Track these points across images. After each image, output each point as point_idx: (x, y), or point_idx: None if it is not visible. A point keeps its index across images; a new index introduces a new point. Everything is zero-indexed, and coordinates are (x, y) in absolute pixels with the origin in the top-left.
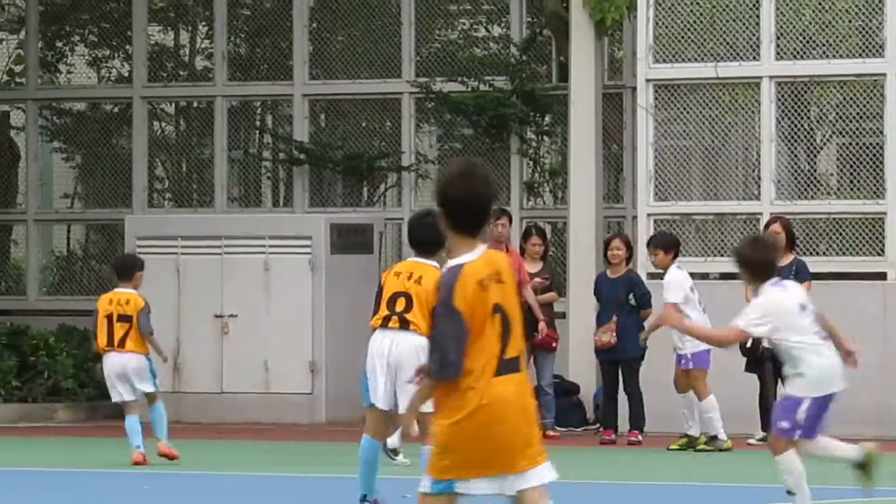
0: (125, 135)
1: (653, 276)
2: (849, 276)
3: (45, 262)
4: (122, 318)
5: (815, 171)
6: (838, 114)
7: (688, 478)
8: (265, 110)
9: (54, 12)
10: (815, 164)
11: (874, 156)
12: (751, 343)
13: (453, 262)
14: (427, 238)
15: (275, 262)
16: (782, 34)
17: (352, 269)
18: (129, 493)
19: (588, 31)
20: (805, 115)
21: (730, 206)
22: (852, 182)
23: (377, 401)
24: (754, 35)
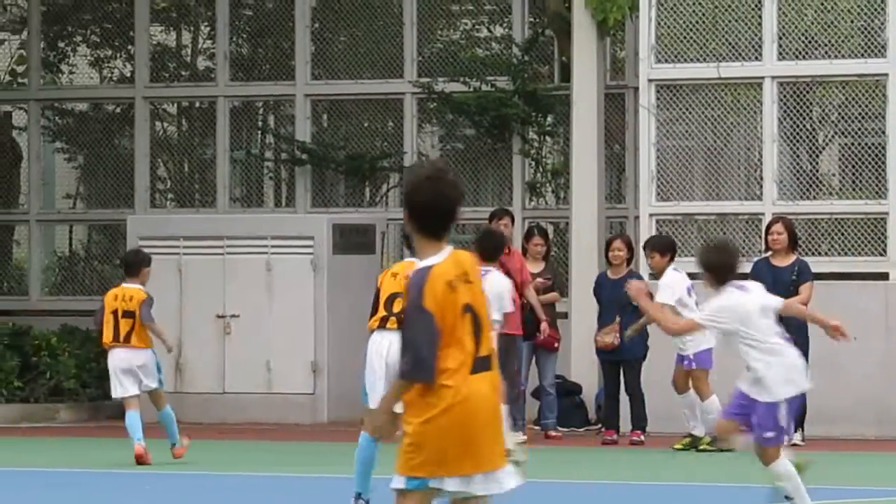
0: (127, 135)
1: (654, 276)
2: (851, 276)
3: (48, 262)
4: (126, 314)
5: (818, 171)
6: (840, 114)
7: (690, 478)
8: (267, 110)
9: (56, 13)
10: (817, 164)
11: (876, 156)
12: None
13: (422, 265)
14: None
15: (277, 263)
16: (784, 34)
17: (354, 270)
18: (131, 494)
19: (590, 31)
20: (807, 115)
21: (732, 206)
22: (854, 182)
23: (375, 402)
24: (756, 35)
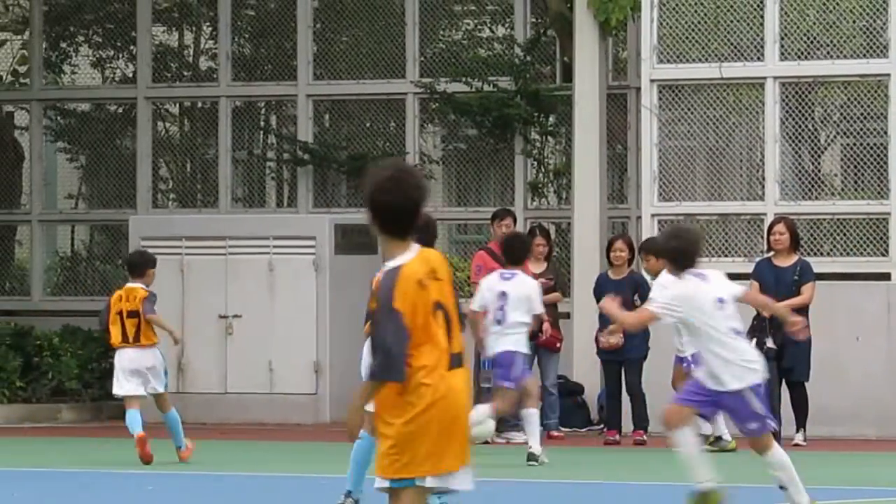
0: (129, 135)
1: (654, 278)
2: (853, 276)
3: (50, 262)
4: (131, 314)
5: (820, 171)
6: (842, 114)
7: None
8: (269, 111)
9: (58, 13)
10: (820, 164)
11: (878, 156)
12: (755, 343)
13: (391, 265)
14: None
15: (279, 263)
16: (786, 35)
17: (356, 270)
18: (133, 494)
19: (592, 31)
20: (809, 115)
21: (734, 206)
22: (856, 182)
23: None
24: (758, 35)
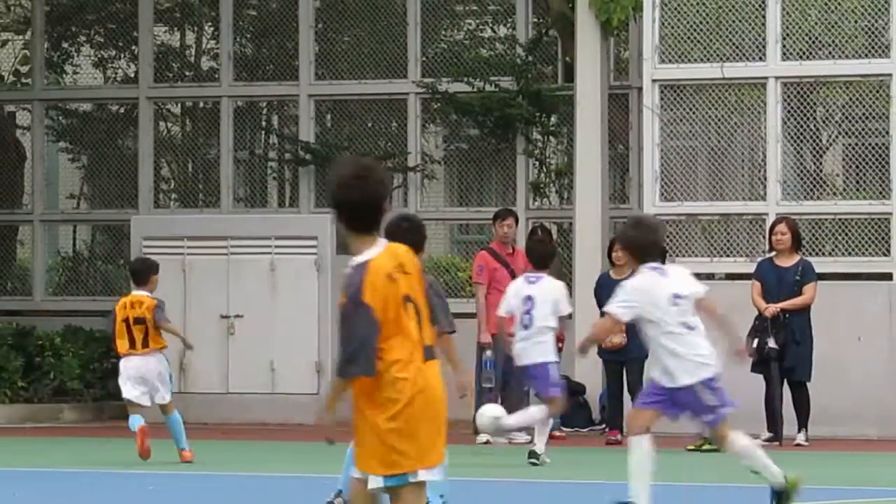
0: (131, 135)
1: None
2: (855, 276)
3: (51, 262)
4: (137, 321)
5: (821, 171)
6: (844, 114)
7: (693, 478)
8: (271, 111)
9: (60, 13)
10: (821, 164)
11: (880, 156)
12: (757, 343)
13: (359, 259)
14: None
15: (281, 263)
16: (788, 35)
17: None
18: (135, 493)
19: (594, 31)
20: (811, 115)
21: (736, 206)
22: (858, 182)
23: None
24: (760, 35)
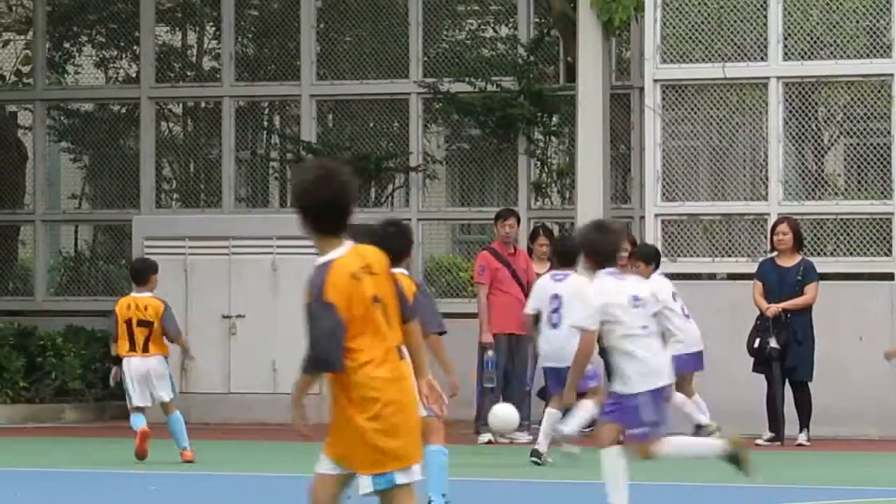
0: (133, 135)
1: None
2: (856, 276)
3: (53, 262)
4: (141, 324)
5: (823, 171)
6: (846, 114)
7: (693, 478)
8: (273, 111)
9: (62, 13)
10: (823, 164)
11: (882, 156)
12: (758, 343)
13: (322, 259)
14: (390, 248)
15: (282, 263)
16: (790, 35)
17: None
18: (136, 493)
19: (596, 31)
20: (812, 115)
21: (737, 206)
22: (860, 182)
23: None
24: (762, 35)
